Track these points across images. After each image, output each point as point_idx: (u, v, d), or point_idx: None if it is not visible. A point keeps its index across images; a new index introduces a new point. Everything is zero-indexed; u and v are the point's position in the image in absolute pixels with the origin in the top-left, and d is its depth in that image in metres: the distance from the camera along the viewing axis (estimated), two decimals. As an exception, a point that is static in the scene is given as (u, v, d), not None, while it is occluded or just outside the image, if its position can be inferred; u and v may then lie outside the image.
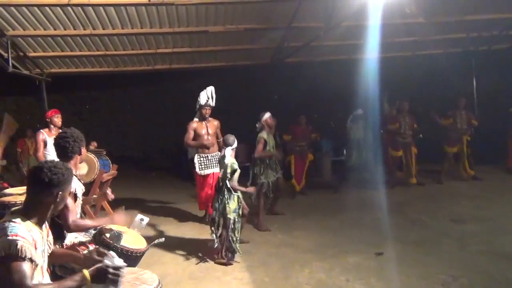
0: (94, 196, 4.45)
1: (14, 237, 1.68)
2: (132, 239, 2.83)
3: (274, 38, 7.52)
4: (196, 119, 5.82)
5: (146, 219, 3.07)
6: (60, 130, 5.13)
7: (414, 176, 7.83)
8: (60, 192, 1.91)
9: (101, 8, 5.89)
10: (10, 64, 6.39)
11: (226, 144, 4.45)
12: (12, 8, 5.66)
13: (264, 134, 5.58)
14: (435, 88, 9.99)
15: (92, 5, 5.77)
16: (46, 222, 2.00)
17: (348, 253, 4.45)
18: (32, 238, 1.74)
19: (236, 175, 4.37)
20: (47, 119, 5.12)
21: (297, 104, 9.56)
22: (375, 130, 7.63)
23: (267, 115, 5.80)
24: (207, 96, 5.50)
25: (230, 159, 4.39)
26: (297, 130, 7.51)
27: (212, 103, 5.58)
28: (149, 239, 3.06)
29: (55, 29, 6.35)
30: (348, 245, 4.74)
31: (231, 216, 4.28)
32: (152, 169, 11.68)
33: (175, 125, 10.98)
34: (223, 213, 4.29)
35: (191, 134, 5.64)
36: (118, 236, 2.61)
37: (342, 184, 7.85)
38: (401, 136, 7.70)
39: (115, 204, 5.34)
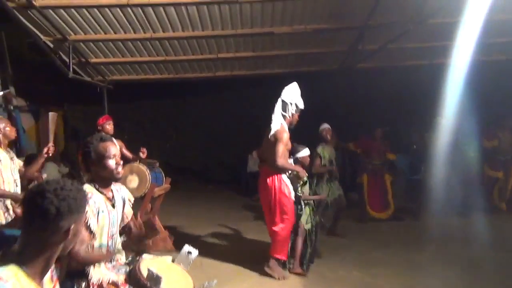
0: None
1: None
2: (176, 279, 2.16)
3: (346, 40, 6.70)
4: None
5: (195, 252, 2.41)
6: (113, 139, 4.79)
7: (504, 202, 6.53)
8: (73, 225, 1.29)
9: (161, 8, 5.49)
10: (71, 70, 6.21)
11: (293, 153, 4.38)
12: (73, 10, 5.44)
13: (318, 148, 5.34)
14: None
15: (152, 5, 5.39)
16: (55, 271, 1.39)
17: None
18: None
19: (307, 186, 4.40)
20: (98, 127, 4.73)
21: (369, 116, 8.57)
22: (468, 144, 6.36)
23: (323, 126, 5.50)
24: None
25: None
26: (371, 146, 6.52)
27: None
28: (197, 279, 2.39)
29: (115, 33, 6.08)
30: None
31: (306, 227, 4.31)
32: (210, 181, 11.25)
33: (236, 136, 10.59)
34: (298, 223, 4.30)
35: (285, 151, 4.07)
36: (157, 278, 1.96)
37: (422, 208, 6.71)
38: (502, 154, 6.43)
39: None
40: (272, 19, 5.95)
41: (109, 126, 4.69)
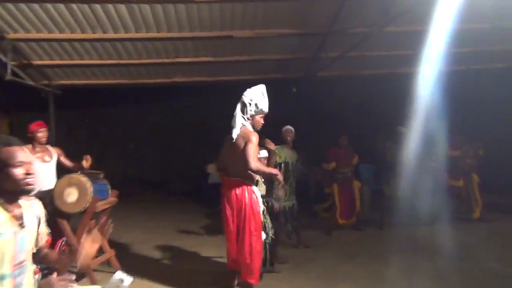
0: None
1: None
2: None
3: (309, 46, 6.51)
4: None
5: (128, 280, 2.01)
6: (48, 147, 4.28)
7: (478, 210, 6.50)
8: None
9: (110, 6, 5.06)
10: (9, 71, 5.61)
11: None
12: (10, 5, 4.90)
13: (276, 148, 4.81)
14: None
15: (101, 3, 4.95)
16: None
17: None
18: None
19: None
20: (29, 134, 4.19)
21: (335, 123, 8.41)
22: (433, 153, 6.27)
23: (285, 128, 5.31)
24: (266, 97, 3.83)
25: None
26: (339, 154, 6.31)
27: None
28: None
29: (60, 32, 5.56)
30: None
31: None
32: (171, 193, 10.71)
33: (197, 146, 10.16)
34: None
35: (256, 152, 3.64)
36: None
37: (387, 218, 6.55)
38: (463, 165, 6.41)
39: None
40: (232, 22, 5.65)
41: (42, 134, 4.16)
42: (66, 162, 4.41)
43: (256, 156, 3.56)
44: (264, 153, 4.19)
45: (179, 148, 10.48)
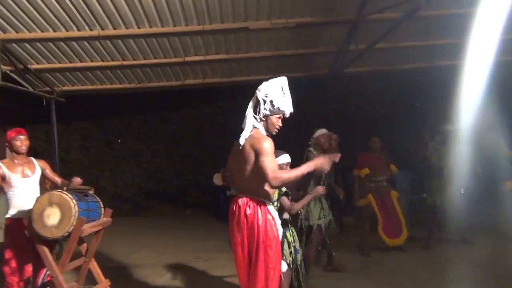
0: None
1: None
2: None
3: (335, 38, 5.71)
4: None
5: None
6: (32, 160, 3.65)
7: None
8: None
9: (106, -3, 4.43)
10: (0, 76, 5.06)
11: None
12: (-5, 1, 4.35)
13: (310, 155, 4.17)
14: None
15: (95, -7, 4.34)
16: None
17: None
18: None
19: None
20: (6, 143, 3.53)
21: (365, 125, 7.51)
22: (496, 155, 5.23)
23: (320, 131, 4.32)
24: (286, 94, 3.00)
25: None
26: (372, 159, 5.37)
27: None
28: None
29: (54, 31, 4.99)
30: None
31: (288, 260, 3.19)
32: (187, 205, 10.01)
33: (214, 154, 9.45)
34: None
35: (275, 162, 2.83)
36: None
37: (434, 234, 5.59)
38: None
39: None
40: (246, 12, 4.94)
41: (19, 142, 3.49)
42: (53, 177, 3.74)
43: (275, 165, 2.72)
44: (285, 159, 3.32)
45: (197, 157, 9.79)
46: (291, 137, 6.88)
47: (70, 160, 9.94)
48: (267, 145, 2.65)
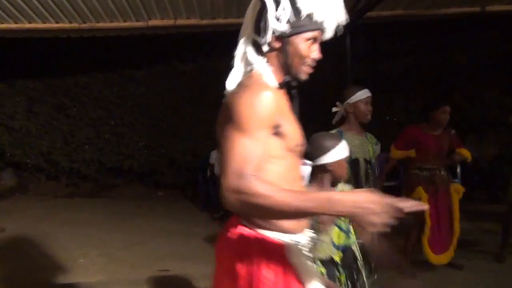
0: None
1: None
2: None
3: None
4: None
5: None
6: None
7: None
8: None
9: None
10: None
11: None
12: None
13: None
14: None
15: None
16: None
17: None
18: None
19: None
20: None
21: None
22: None
23: (360, 93, 2.65)
24: None
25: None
26: (425, 138, 3.59)
27: None
28: None
29: None
30: None
31: None
32: (160, 186, 8.36)
33: (193, 125, 7.80)
34: None
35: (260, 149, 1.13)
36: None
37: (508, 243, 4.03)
38: None
39: None
40: None
41: None
42: None
43: (253, 158, 1.04)
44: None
45: (171, 128, 8.05)
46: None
47: (14, 128, 8.23)
48: (247, 104, 1.07)
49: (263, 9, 1.16)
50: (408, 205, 0.98)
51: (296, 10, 1.15)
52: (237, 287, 1.20)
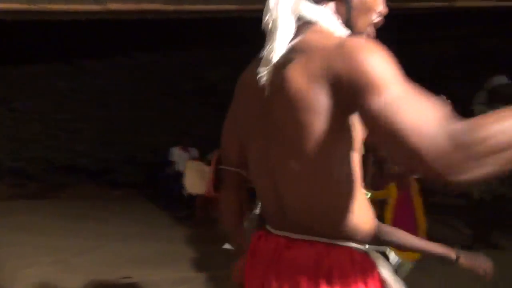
0: None
1: None
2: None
3: None
4: None
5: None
6: None
7: None
8: None
9: None
10: None
11: None
12: None
13: None
14: None
15: None
16: None
17: None
18: None
19: None
20: None
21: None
22: None
23: None
24: None
25: None
26: None
27: None
28: None
29: None
30: None
31: None
32: (116, 185, 7.98)
33: (154, 119, 7.51)
34: None
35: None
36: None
37: (483, 238, 4.03)
38: None
39: None
40: None
41: None
42: None
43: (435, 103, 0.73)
44: None
45: (129, 122, 7.76)
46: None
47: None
48: (384, 62, 0.72)
49: None
50: None
51: None
52: None
